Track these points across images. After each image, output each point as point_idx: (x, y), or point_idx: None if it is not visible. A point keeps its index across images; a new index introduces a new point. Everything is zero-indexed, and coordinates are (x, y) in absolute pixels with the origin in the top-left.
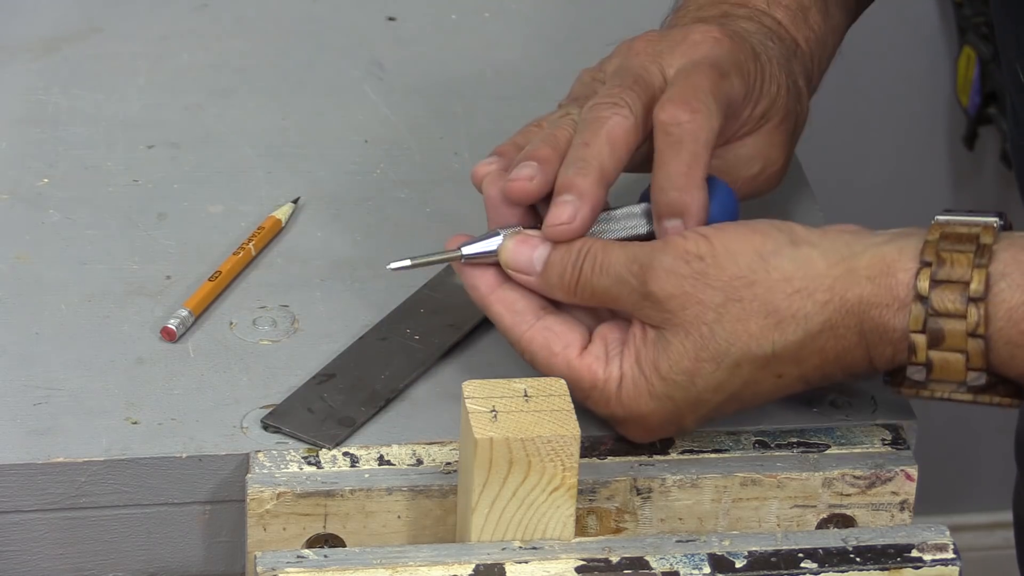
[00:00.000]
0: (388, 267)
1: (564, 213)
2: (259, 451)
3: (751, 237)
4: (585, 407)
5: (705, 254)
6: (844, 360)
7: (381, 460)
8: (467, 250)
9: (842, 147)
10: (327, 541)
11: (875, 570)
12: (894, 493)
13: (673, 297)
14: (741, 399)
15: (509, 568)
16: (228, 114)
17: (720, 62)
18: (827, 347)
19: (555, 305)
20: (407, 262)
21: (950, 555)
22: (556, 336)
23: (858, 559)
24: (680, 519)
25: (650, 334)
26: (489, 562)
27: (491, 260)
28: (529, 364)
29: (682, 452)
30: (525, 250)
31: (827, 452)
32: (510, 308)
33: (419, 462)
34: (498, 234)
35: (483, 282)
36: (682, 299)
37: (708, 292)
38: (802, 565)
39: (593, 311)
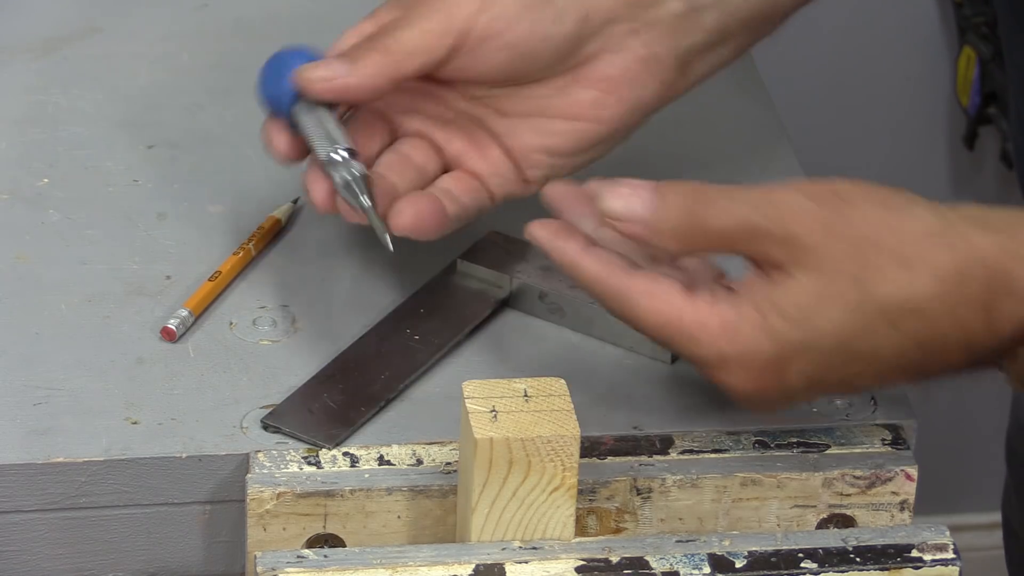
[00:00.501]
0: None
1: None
2: (259, 451)
3: (878, 188)
4: (688, 354)
5: (843, 193)
6: (964, 323)
7: (381, 460)
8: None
9: (842, 147)
10: (327, 541)
11: (875, 570)
12: (894, 493)
13: (809, 233)
14: (853, 355)
15: (509, 568)
16: (228, 114)
17: None
18: (951, 301)
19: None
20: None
21: (950, 555)
22: (656, 282)
23: (858, 559)
24: (680, 519)
25: (770, 273)
26: (489, 562)
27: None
28: (627, 318)
29: (682, 452)
30: (630, 196)
31: (827, 452)
32: (605, 263)
33: (419, 462)
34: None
35: (571, 244)
36: (817, 236)
37: (845, 230)
38: (802, 565)
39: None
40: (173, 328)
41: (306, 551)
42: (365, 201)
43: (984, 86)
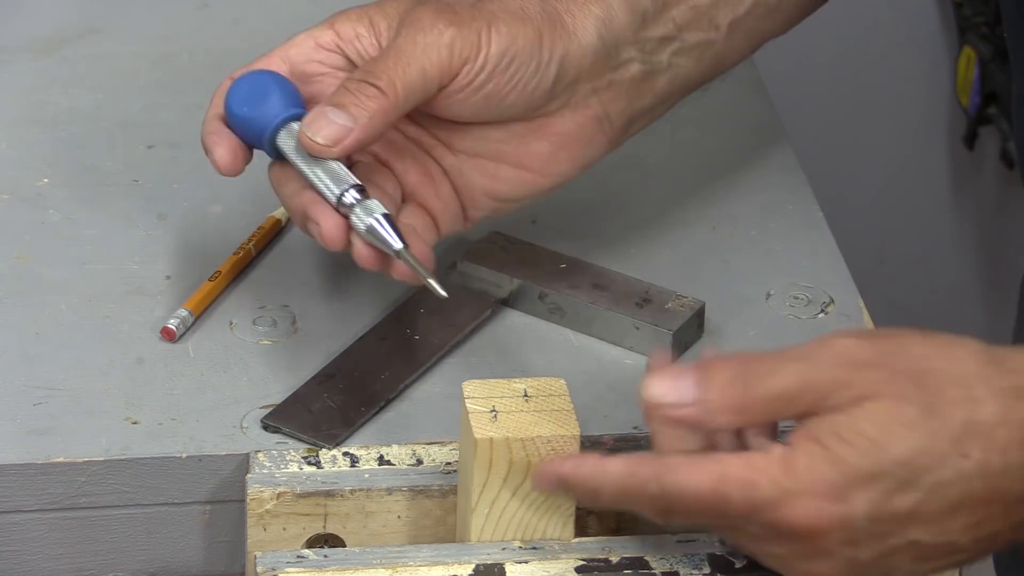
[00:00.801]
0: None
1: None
2: (259, 451)
3: (919, 329)
4: (747, 507)
5: (889, 332)
6: None
7: (381, 460)
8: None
9: (842, 147)
10: (327, 541)
11: None
12: None
13: (867, 368)
14: (920, 488)
15: (509, 568)
16: None
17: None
18: (1017, 422)
19: None
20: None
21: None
22: (692, 453)
23: None
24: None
25: (828, 414)
26: (489, 562)
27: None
28: (673, 502)
29: None
30: (677, 381)
31: None
32: (629, 456)
33: (419, 462)
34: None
35: (588, 457)
36: (875, 370)
37: (903, 361)
38: None
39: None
40: (173, 328)
41: (306, 551)
42: (396, 242)
43: (984, 86)
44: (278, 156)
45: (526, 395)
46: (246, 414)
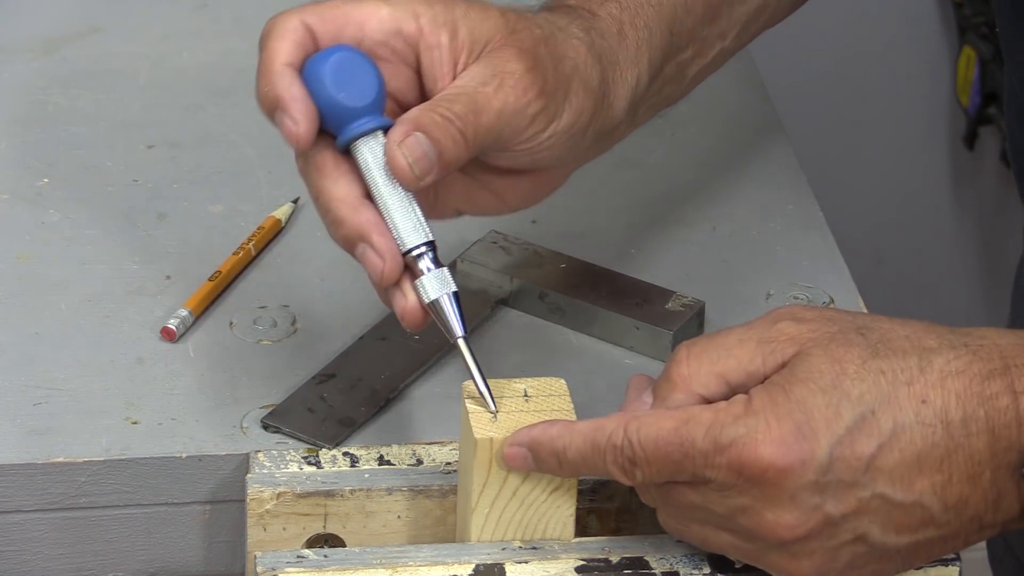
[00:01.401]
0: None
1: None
2: (259, 451)
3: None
4: (710, 444)
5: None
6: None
7: (381, 460)
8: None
9: (842, 147)
10: (327, 541)
11: None
12: None
13: (817, 321)
14: (881, 430)
15: (509, 568)
16: (228, 114)
17: None
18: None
19: None
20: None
21: (950, 555)
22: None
23: None
24: None
25: (783, 369)
26: (489, 562)
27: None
28: (636, 457)
29: None
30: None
31: None
32: (591, 421)
33: (419, 462)
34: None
35: (553, 426)
36: (828, 324)
37: (847, 319)
38: None
39: None
40: (173, 328)
41: (306, 551)
42: (459, 329)
43: (984, 86)
44: (343, 153)
45: (526, 395)
46: (246, 414)
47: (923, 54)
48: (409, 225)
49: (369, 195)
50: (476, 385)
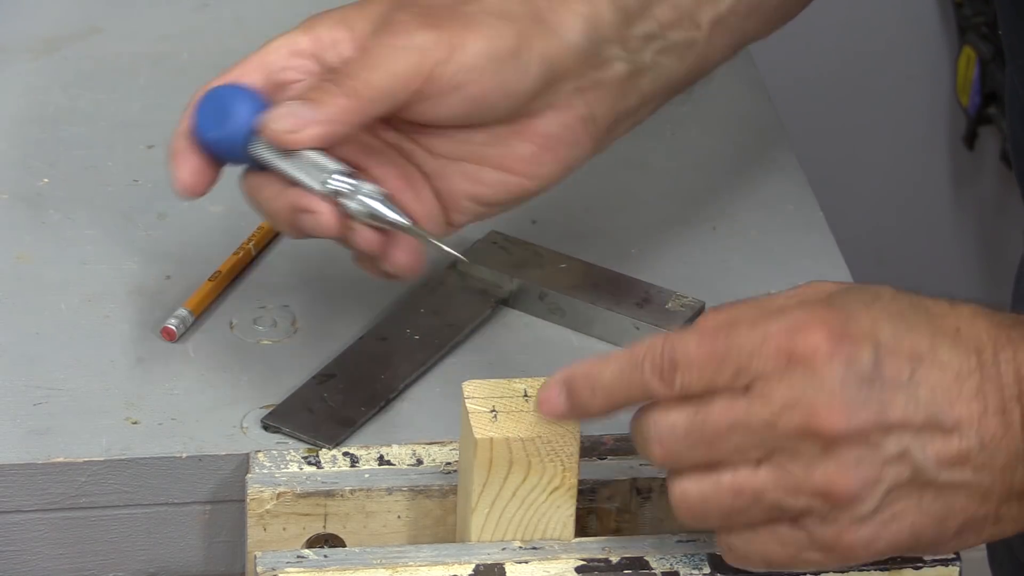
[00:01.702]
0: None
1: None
2: (259, 451)
3: None
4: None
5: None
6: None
7: (381, 460)
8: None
9: (842, 147)
10: (327, 541)
11: (875, 570)
12: None
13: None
14: (917, 344)
15: (509, 568)
16: None
17: None
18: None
19: None
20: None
21: (950, 555)
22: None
23: None
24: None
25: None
26: (489, 562)
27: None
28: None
29: None
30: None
31: None
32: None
33: (419, 462)
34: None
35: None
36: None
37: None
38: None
39: None
40: (173, 328)
41: (306, 551)
42: (403, 219)
43: (984, 86)
44: (257, 167)
45: (526, 395)
46: (246, 414)
47: (923, 54)
48: (313, 168)
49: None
50: (443, 249)
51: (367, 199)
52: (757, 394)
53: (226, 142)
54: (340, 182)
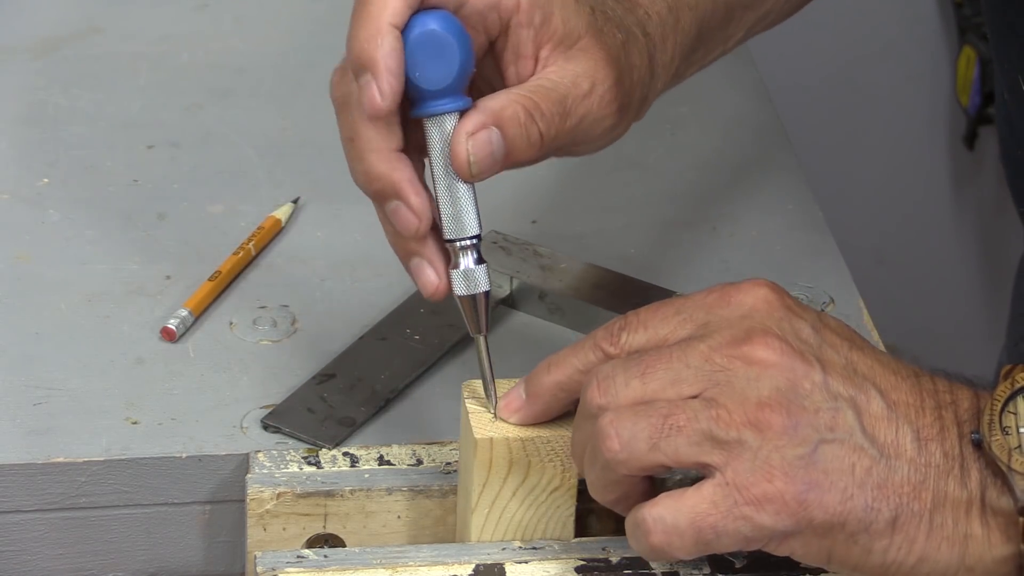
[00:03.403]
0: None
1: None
2: (259, 451)
3: None
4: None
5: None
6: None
7: (381, 460)
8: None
9: (842, 147)
10: (327, 541)
11: None
12: None
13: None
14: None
15: (509, 568)
16: (228, 114)
17: None
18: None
19: None
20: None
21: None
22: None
23: None
24: None
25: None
26: (489, 562)
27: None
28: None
29: None
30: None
31: None
32: None
33: (419, 462)
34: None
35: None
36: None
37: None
38: (802, 566)
39: None
40: (173, 328)
41: (306, 551)
42: (482, 327)
43: (984, 86)
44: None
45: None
46: (246, 414)
47: (923, 54)
48: (459, 214)
49: (405, 148)
50: (484, 384)
51: (475, 287)
52: (698, 335)
53: (425, 94)
54: (471, 256)
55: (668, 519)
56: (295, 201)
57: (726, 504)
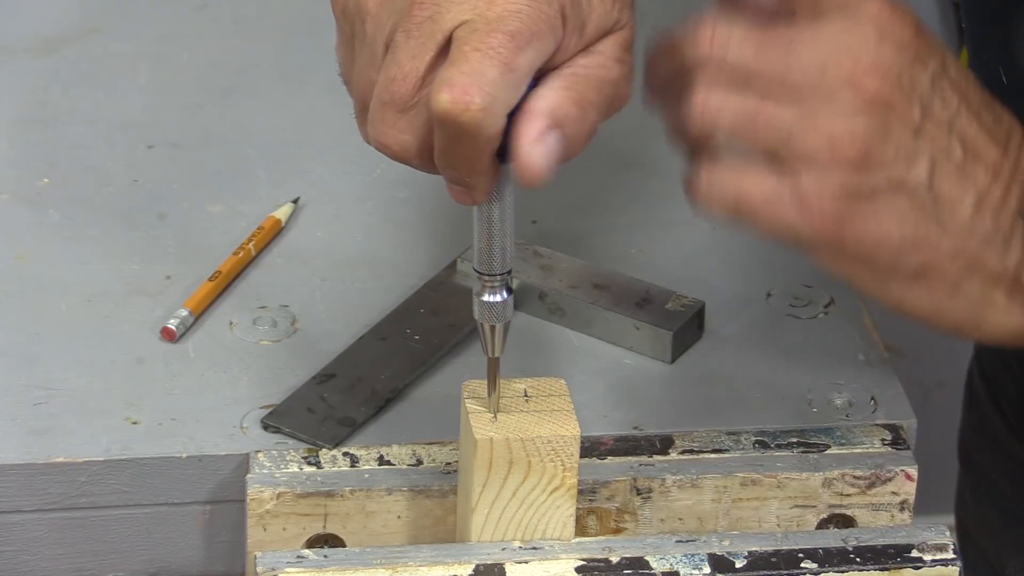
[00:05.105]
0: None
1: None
2: (259, 451)
3: None
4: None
5: None
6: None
7: (381, 460)
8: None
9: None
10: (327, 541)
11: (875, 570)
12: (894, 493)
13: None
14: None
15: (509, 568)
16: (228, 114)
17: (520, 29)
18: None
19: None
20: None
21: (950, 555)
22: None
23: (858, 559)
24: (680, 519)
25: None
26: (489, 562)
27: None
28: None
29: (682, 452)
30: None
31: (827, 452)
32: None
33: (419, 462)
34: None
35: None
36: None
37: None
38: (802, 565)
39: None
40: (173, 328)
41: (306, 551)
42: (498, 350)
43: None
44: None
45: (526, 395)
46: (246, 414)
47: None
48: (491, 249)
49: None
50: (488, 395)
51: (496, 319)
52: (809, 39)
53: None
54: (502, 290)
55: (716, 182)
56: (295, 201)
57: (775, 191)
